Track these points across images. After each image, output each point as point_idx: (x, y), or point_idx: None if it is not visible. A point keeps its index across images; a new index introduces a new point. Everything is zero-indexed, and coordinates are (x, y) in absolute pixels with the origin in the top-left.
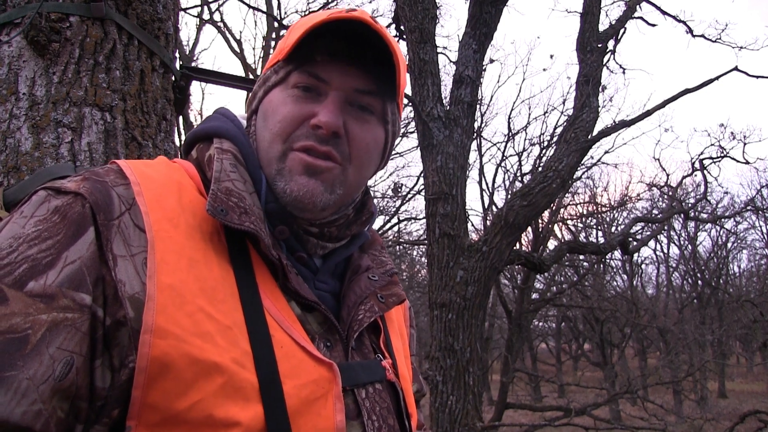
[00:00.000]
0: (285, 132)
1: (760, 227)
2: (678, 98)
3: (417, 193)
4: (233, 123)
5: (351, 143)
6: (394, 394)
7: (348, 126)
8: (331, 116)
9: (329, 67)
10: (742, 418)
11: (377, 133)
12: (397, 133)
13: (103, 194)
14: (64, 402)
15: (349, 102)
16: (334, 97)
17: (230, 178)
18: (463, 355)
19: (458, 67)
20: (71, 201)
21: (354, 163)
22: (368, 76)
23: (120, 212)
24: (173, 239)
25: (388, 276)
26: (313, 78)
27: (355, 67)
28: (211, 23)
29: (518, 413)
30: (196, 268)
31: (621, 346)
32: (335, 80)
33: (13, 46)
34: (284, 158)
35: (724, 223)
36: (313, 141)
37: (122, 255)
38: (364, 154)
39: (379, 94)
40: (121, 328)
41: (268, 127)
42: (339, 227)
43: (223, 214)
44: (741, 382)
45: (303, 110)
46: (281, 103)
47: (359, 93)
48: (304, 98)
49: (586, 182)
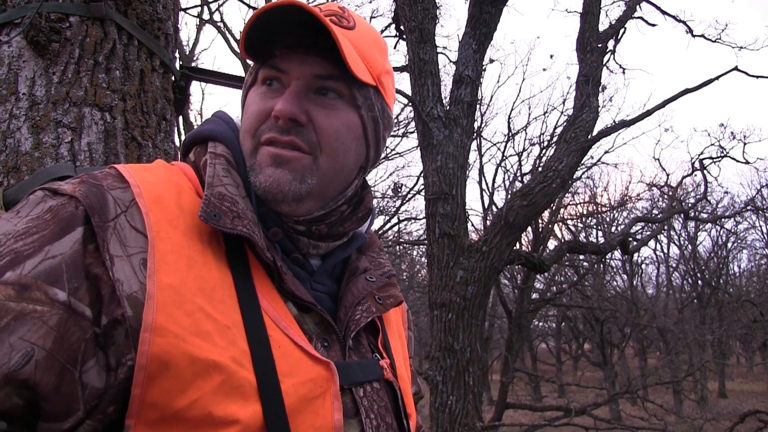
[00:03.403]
0: (253, 127)
1: (760, 227)
2: (678, 98)
3: (417, 193)
4: (228, 126)
5: (318, 131)
6: (392, 393)
7: (312, 114)
8: (284, 104)
9: (288, 59)
10: (742, 418)
11: (348, 117)
12: (379, 119)
13: (98, 197)
14: (23, 391)
15: (312, 89)
16: (293, 86)
17: (223, 182)
18: (463, 355)
19: (458, 67)
20: (65, 202)
21: (325, 151)
22: (328, 62)
23: (116, 214)
24: (173, 240)
25: (385, 278)
26: (275, 70)
27: (314, 55)
28: (211, 23)
29: (518, 413)
30: (195, 269)
31: (621, 346)
32: (294, 70)
33: (13, 46)
34: (255, 153)
35: (724, 223)
36: (274, 132)
37: (119, 255)
38: (334, 141)
39: (342, 78)
40: (118, 326)
41: (243, 126)
42: (330, 225)
43: (216, 219)
44: (741, 382)
45: (267, 104)
46: (252, 101)
47: (320, 78)
48: (269, 93)
49: (586, 182)
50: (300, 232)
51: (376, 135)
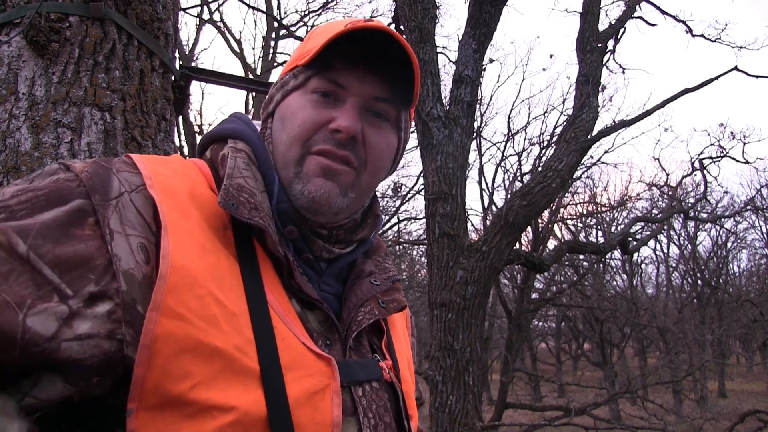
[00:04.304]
0: (304, 136)
1: (760, 227)
2: (678, 98)
3: (417, 192)
4: (248, 126)
5: (367, 149)
6: (392, 393)
7: (365, 132)
8: (350, 121)
9: (348, 74)
10: (742, 418)
11: (391, 139)
12: (407, 140)
13: (101, 177)
14: None
15: (366, 109)
16: (353, 103)
17: (243, 175)
18: (463, 354)
19: (458, 67)
20: (71, 179)
21: (368, 169)
22: (385, 84)
23: (119, 193)
24: (185, 227)
25: (390, 282)
26: (333, 84)
27: (372, 75)
28: (211, 23)
29: (518, 413)
30: (206, 256)
31: (621, 346)
32: (354, 87)
33: (12, 46)
34: (302, 161)
35: (723, 222)
36: (331, 145)
37: (119, 231)
38: (378, 160)
39: (394, 102)
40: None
41: (286, 130)
42: (347, 231)
43: (234, 208)
44: (741, 382)
45: (322, 115)
46: (300, 107)
47: (376, 100)
48: (322, 103)
49: (585, 182)
50: (320, 236)
51: (402, 153)
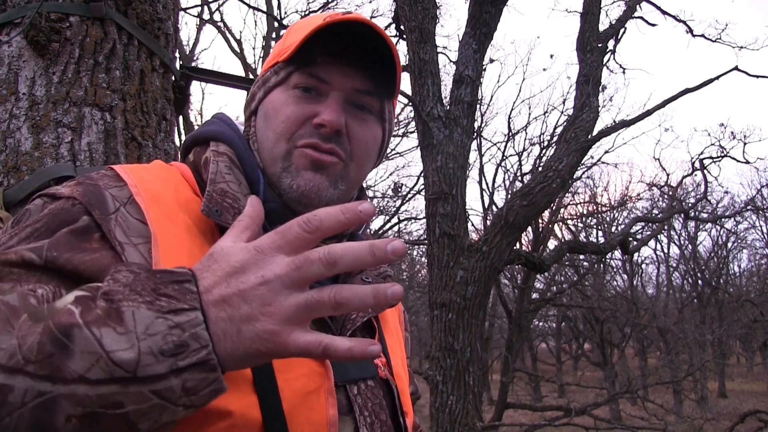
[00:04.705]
0: (289, 131)
1: (760, 227)
2: (678, 98)
3: (417, 193)
4: (230, 127)
5: (352, 142)
6: (387, 391)
7: (349, 125)
8: (334, 115)
9: (329, 68)
10: (742, 418)
11: (376, 131)
12: (392, 131)
13: (95, 194)
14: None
15: (349, 102)
16: (336, 96)
17: (225, 179)
18: (463, 354)
19: (458, 67)
20: (64, 203)
21: (355, 161)
22: (366, 77)
23: (115, 208)
24: (173, 234)
25: (381, 278)
26: (314, 79)
27: (353, 68)
28: (211, 23)
29: (518, 413)
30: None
31: (621, 346)
32: (336, 81)
33: (13, 46)
34: (289, 156)
35: (724, 222)
36: (316, 139)
37: (127, 242)
38: (363, 152)
39: (376, 94)
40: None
41: (270, 127)
42: None
43: (218, 215)
44: (741, 382)
45: (305, 110)
46: (283, 103)
47: (359, 93)
48: (305, 98)
49: (586, 182)
50: None
51: (387, 145)
